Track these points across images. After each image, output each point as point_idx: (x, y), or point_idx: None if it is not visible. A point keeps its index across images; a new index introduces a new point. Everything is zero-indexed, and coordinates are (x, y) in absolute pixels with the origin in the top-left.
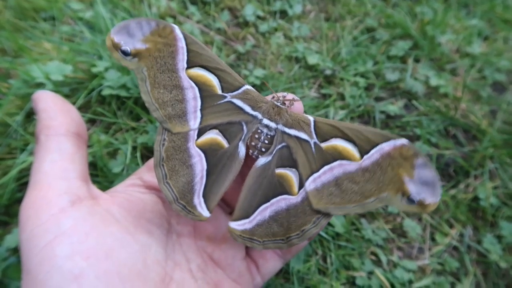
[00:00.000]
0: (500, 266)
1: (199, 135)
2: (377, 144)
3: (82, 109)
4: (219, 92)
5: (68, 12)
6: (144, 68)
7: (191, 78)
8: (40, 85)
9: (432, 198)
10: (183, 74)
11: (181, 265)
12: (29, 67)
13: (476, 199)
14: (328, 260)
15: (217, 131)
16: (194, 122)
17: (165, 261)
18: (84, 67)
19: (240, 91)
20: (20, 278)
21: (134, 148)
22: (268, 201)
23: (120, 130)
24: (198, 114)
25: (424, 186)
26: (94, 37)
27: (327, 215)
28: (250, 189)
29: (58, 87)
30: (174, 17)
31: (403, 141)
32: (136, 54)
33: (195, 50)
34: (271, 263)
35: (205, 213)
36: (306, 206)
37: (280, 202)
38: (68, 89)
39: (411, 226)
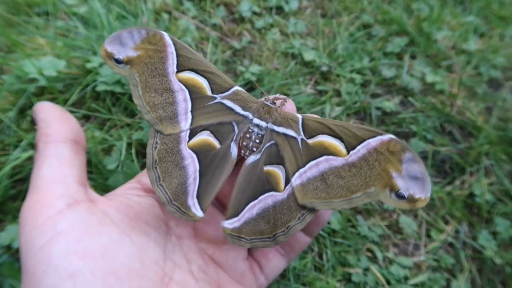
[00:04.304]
0: (495, 262)
1: (191, 136)
2: (364, 140)
3: (76, 105)
4: (209, 93)
5: (62, 7)
6: (136, 74)
7: (181, 81)
8: (33, 81)
9: (421, 193)
10: (173, 78)
11: (182, 266)
12: (22, 62)
13: (471, 195)
14: (324, 257)
15: (208, 132)
16: (185, 123)
17: (163, 262)
18: (78, 63)
19: (230, 92)
20: (14, 276)
21: (129, 145)
22: (256, 198)
23: (115, 126)
24: (189, 115)
25: (413, 181)
26: (89, 33)
27: (312, 210)
28: (240, 188)
29: (51, 83)
30: (169, 12)
31: (390, 136)
32: (128, 62)
33: (184, 55)
34: (274, 262)
35: (199, 213)
36: (291, 202)
37: (267, 199)
38: (62, 85)
39: (407, 223)
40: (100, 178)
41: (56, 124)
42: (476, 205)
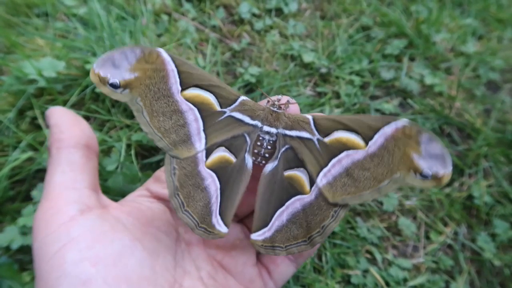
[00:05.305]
0: (494, 264)
1: (207, 155)
2: (379, 129)
3: (75, 106)
4: (218, 108)
5: (61, 8)
6: (138, 98)
7: (188, 100)
8: (32, 82)
9: (444, 169)
10: (179, 98)
11: (191, 273)
12: (22, 63)
13: (470, 197)
14: (324, 259)
15: (223, 148)
16: (200, 144)
17: (174, 269)
18: (78, 64)
19: (237, 103)
20: (12, 277)
21: (129, 146)
22: (283, 205)
23: (114, 127)
24: (202, 135)
25: (434, 159)
26: (88, 34)
27: (344, 206)
28: (263, 197)
29: (51, 84)
30: (169, 14)
31: (404, 121)
32: (126, 86)
33: (186, 71)
34: (282, 268)
35: (224, 229)
36: (321, 202)
37: (295, 204)
38: (61, 86)
39: (406, 225)
40: (99, 180)
41: (68, 129)
42: (475, 207)
